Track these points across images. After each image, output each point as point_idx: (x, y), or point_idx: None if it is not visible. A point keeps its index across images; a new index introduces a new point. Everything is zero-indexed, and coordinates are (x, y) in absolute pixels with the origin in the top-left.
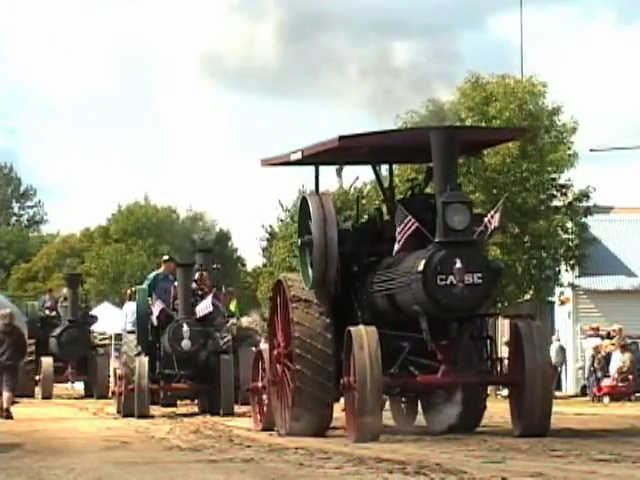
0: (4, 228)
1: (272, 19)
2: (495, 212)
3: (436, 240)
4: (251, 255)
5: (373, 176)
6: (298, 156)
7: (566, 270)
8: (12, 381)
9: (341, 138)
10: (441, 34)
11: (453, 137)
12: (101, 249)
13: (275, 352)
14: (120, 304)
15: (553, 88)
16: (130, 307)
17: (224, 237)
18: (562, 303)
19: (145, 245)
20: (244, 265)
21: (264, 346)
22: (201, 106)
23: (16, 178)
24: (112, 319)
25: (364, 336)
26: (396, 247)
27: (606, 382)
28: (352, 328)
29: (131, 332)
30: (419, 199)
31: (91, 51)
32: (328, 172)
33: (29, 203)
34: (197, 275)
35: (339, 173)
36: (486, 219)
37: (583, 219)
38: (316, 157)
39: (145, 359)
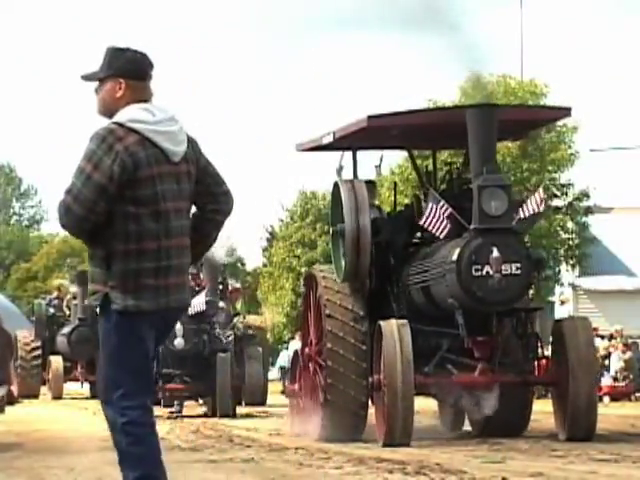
0: (4, 228)
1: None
2: (537, 197)
3: (472, 227)
4: (251, 255)
5: (373, 176)
6: (330, 139)
7: (566, 270)
8: (3, 374)
9: (370, 118)
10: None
11: (490, 116)
12: None
13: (307, 350)
14: None
15: (554, 88)
16: None
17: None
18: (562, 303)
19: None
20: (244, 265)
21: (296, 344)
22: (201, 105)
23: (17, 178)
24: None
25: (395, 330)
26: (443, 233)
27: (606, 382)
28: (382, 322)
29: None
30: (457, 184)
31: (90, 50)
32: (329, 171)
33: (30, 203)
34: (194, 270)
35: (339, 172)
36: (526, 205)
37: (583, 219)
38: (349, 141)
39: None
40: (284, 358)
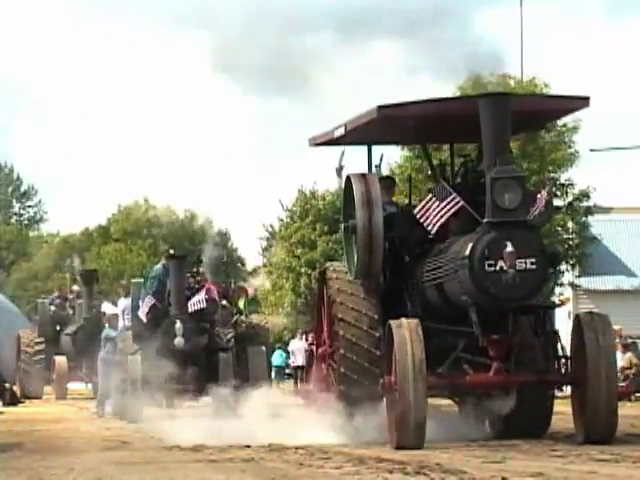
0: (4, 228)
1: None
2: (545, 190)
3: (485, 221)
4: (251, 255)
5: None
6: (341, 131)
7: (566, 270)
8: None
9: (380, 108)
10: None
11: (504, 105)
12: (101, 249)
13: (320, 351)
14: None
15: (554, 88)
16: (125, 303)
17: (224, 237)
18: (562, 303)
19: (145, 245)
20: (244, 265)
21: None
22: (200, 105)
23: (17, 178)
24: None
25: (406, 329)
26: (435, 228)
27: None
28: (393, 321)
29: (128, 329)
30: (472, 177)
31: (89, 50)
32: (329, 171)
33: (30, 203)
34: (195, 268)
35: (339, 173)
36: (539, 196)
37: (583, 219)
38: (361, 133)
39: (138, 358)
40: (279, 358)
